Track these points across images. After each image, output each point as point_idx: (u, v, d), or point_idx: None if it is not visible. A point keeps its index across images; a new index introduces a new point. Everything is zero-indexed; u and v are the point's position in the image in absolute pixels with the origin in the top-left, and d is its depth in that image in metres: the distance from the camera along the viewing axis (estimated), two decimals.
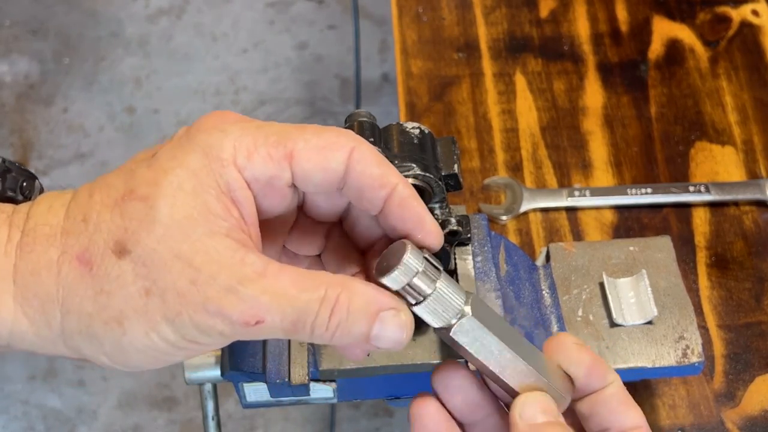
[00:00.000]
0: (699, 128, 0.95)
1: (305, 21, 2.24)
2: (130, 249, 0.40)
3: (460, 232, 0.64)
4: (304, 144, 0.42)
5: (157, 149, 0.44)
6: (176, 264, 0.40)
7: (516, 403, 0.45)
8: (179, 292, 0.40)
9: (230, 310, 0.40)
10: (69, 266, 0.41)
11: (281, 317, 0.41)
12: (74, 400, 1.78)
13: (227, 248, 0.40)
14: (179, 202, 0.40)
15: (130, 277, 0.40)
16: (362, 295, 0.42)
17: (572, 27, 1.03)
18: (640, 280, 0.69)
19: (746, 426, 0.79)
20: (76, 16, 2.28)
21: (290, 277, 0.41)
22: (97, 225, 0.41)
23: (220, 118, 0.45)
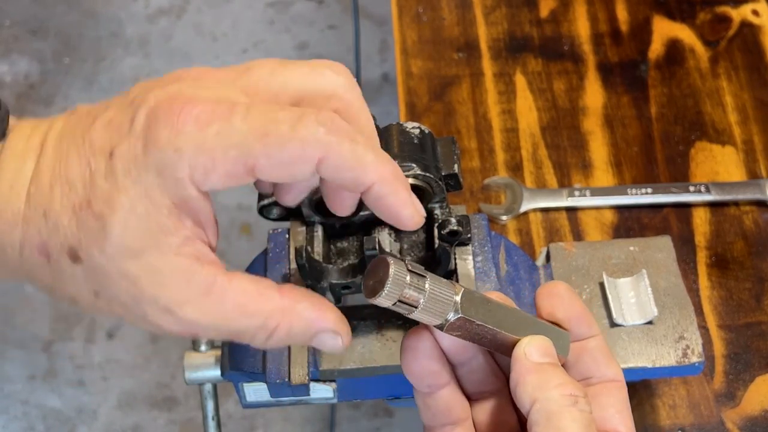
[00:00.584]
0: (699, 128, 0.95)
1: (305, 21, 2.24)
2: (82, 259, 0.43)
3: (460, 232, 0.64)
4: (266, 160, 0.41)
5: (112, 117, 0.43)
6: (122, 281, 0.42)
7: (520, 344, 0.47)
8: (123, 304, 0.43)
9: (166, 327, 0.43)
10: (29, 252, 0.44)
11: (216, 334, 0.44)
12: (74, 400, 1.78)
13: (173, 269, 0.42)
14: (131, 224, 0.41)
15: (82, 279, 0.43)
16: (303, 321, 0.45)
17: (572, 27, 1.03)
18: (640, 280, 0.69)
19: (746, 426, 0.79)
20: (76, 16, 2.28)
21: (233, 298, 0.43)
22: (56, 226, 0.43)
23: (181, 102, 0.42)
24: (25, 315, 1.86)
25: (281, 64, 0.44)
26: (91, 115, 0.44)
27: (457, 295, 0.46)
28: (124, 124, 0.43)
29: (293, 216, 0.67)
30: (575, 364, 0.49)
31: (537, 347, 0.47)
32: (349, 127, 0.43)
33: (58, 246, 0.43)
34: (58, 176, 0.43)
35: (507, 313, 0.48)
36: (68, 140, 0.44)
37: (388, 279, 0.44)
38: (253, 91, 0.43)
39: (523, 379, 0.46)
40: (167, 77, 0.45)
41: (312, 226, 0.66)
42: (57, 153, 0.44)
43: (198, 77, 0.44)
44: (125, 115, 0.43)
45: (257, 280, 0.45)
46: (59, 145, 0.44)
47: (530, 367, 0.46)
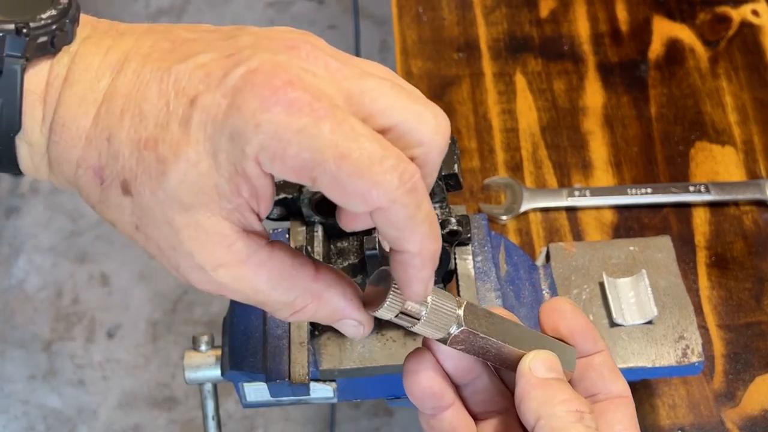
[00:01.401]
0: (699, 128, 0.96)
1: (305, 21, 2.24)
2: (133, 194, 0.42)
3: (460, 232, 0.64)
4: (330, 180, 0.39)
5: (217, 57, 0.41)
6: (165, 228, 0.42)
7: (525, 358, 0.46)
8: (159, 247, 0.43)
9: (195, 282, 0.43)
10: (84, 171, 0.43)
11: (244, 299, 0.44)
12: (74, 400, 1.78)
13: (218, 232, 0.42)
14: (190, 178, 0.41)
15: (128, 210, 0.43)
16: (330, 307, 0.45)
17: (572, 27, 1.03)
18: (640, 280, 0.69)
19: (746, 426, 0.79)
20: None
21: (269, 272, 0.43)
22: (116, 154, 0.42)
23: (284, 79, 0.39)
24: (26, 314, 1.87)
25: (395, 88, 0.42)
26: (186, 48, 0.42)
27: (460, 308, 0.45)
28: (217, 75, 0.41)
29: (293, 216, 0.67)
30: (581, 381, 0.49)
31: (542, 362, 0.46)
32: (422, 189, 0.41)
33: (113, 174, 0.42)
34: (133, 104, 0.42)
35: (511, 327, 0.47)
36: (152, 68, 0.42)
37: (390, 291, 0.44)
38: (356, 100, 0.41)
39: (528, 395, 0.45)
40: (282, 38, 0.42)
41: (312, 226, 0.66)
42: (137, 78, 0.42)
43: (310, 56, 0.42)
44: (221, 65, 0.41)
45: (295, 255, 0.44)
46: (142, 70, 0.42)
47: (535, 383, 0.45)
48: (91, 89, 0.42)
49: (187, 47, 0.42)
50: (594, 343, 0.49)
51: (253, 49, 0.41)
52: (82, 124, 0.42)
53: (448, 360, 0.47)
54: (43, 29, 0.42)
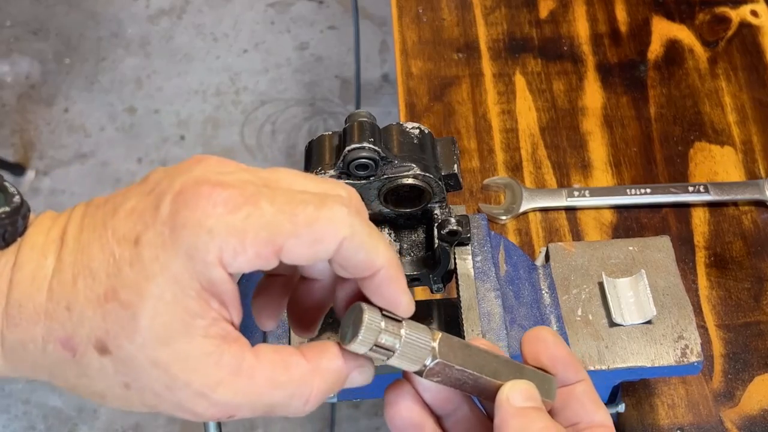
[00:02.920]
0: (698, 128, 0.96)
1: (306, 21, 2.24)
2: (111, 351, 0.42)
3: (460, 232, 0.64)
4: (295, 240, 0.42)
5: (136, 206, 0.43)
6: (153, 371, 0.42)
7: (503, 389, 0.47)
8: (156, 393, 0.43)
9: (201, 412, 0.44)
10: (53, 347, 0.43)
11: (251, 411, 0.44)
12: (75, 399, 1.78)
13: (202, 353, 0.42)
14: (159, 312, 0.41)
15: (111, 372, 0.43)
16: (333, 373, 0.46)
17: (572, 27, 1.03)
18: (640, 279, 0.69)
19: (745, 425, 0.79)
20: (76, 17, 2.28)
21: (264, 373, 0.44)
22: (80, 319, 0.42)
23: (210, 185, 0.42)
24: None
25: (301, 174, 0.46)
26: (110, 204, 0.44)
27: (435, 341, 0.46)
28: (148, 211, 0.42)
29: None
30: (563, 410, 0.49)
31: (520, 391, 0.47)
32: (363, 210, 0.46)
33: (84, 339, 0.42)
34: (81, 268, 0.43)
35: (489, 358, 0.48)
36: (89, 231, 0.44)
37: (362, 325, 0.44)
38: (275, 184, 0.44)
39: (506, 424, 0.46)
40: (186, 163, 0.45)
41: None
42: (78, 245, 0.43)
43: (219, 163, 0.44)
44: (148, 202, 0.43)
45: (280, 349, 0.45)
46: (80, 237, 0.43)
47: (513, 412, 0.46)
48: (40, 266, 0.43)
49: (111, 203, 0.44)
50: (575, 372, 0.49)
51: (168, 177, 0.43)
52: (38, 301, 0.43)
53: (427, 392, 0.48)
54: None
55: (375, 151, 0.59)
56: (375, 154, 0.59)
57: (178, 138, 2.09)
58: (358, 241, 0.43)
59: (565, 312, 0.69)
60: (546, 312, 0.69)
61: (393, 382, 0.48)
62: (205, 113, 2.12)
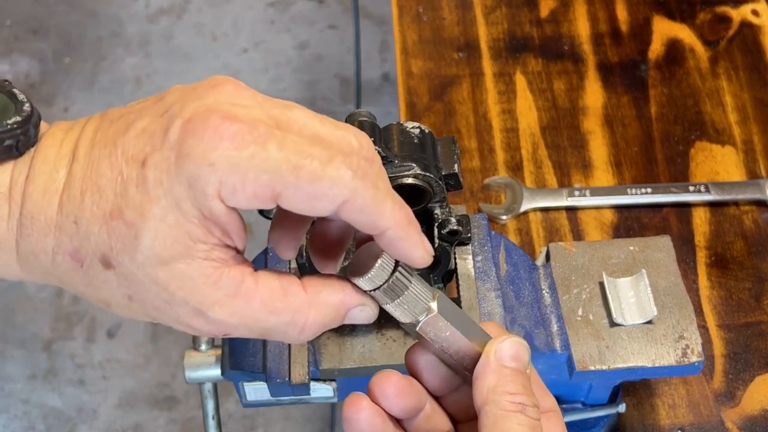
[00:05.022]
0: (699, 128, 0.96)
1: (306, 21, 2.24)
2: (114, 266, 0.44)
3: (460, 232, 0.64)
4: (294, 191, 0.42)
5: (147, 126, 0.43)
6: (153, 287, 0.44)
7: (494, 341, 0.48)
8: (156, 307, 0.45)
9: (199, 327, 0.45)
10: (62, 258, 0.45)
11: (248, 332, 0.45)
12: (74, 400, 1.78)
13: (201, 274, 0.43)
14: (161, 234, 0.42)
15: (115, 284, 0.44)
16: (330, 307, 0.46)
17: (572, 27, 1.03)
18: (640, 279, 0.69)
19: (746, 426, 0.79)
20: (76, 16, 2.28)
21: (261, 298, 0.44)
22: (87, 233, 0.44)
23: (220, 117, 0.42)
24: (26, 314, 1.87)
25: (317, 116, 0.45)
26: (123, 121, 0.45)
27: (434, 301, 0.47)
28: (158, 134, 0.43)
29: None
30: None
31: (510, 347, 0.48)
32: (373, 172, 0.44)
33: (90, 253, 0.44)
34: (90, 184, 0.44)
35: (478, 329, 0.49)
36: (100, 147, 0.44)
37: (375, 264, 0.45)
38: (286, 126, 0.44)
39: (482, 377, 0.47)
40: (204, 84, 0.45)
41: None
42: (89, 160, 0.44)
43: (235, 92, 0.44)
44: (159, 125, 0.43)
45: (282, 276, 0.46)
46: (91, 153, 0.44)
47: (493, 367, 0.47)
48: (52, 180, 0.45)
49: (124, 120, 0.45)
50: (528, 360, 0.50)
51: (182, 101, 0.44)
52: (49, 214, 0.44)
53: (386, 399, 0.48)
54: (9, 133, 0.45)
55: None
56: None
57: None
58: (359, 205, 0.43)
59: (566, 312, 0.69)
60: (546, 312, 0.69)
61: (349, 398, 0.48)
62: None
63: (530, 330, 0.68)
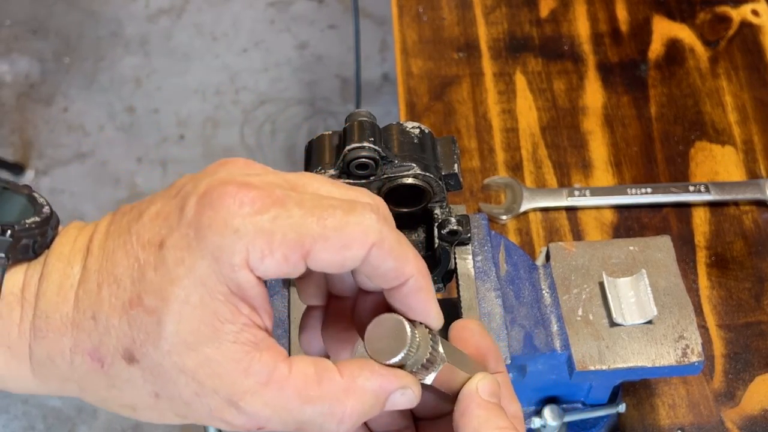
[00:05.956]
0: (699, 128, 0.96)
1: (305, 21, 2.24)
2: (138, 359, 0.41)
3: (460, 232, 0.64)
4: (323, 244, 0.40)
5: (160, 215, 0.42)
6: (181, 377, 0.41)
7: (473, 380, 0.47)
8: (185, 402, 0.42)
9: (231, 420, 0.42)
10: (81, 359, 0.42)
11: (283, 426, 0.42)
12: (74, 399, 1.78)
13: (231, 359, 0.41)
14: (185, 317, 0.40)
15: (140, 382, 0.42)
16: (370, 393, 0.44)
17: (572, 27, 1.03)
18: (640, 279, 0.69)
19: (746, 425, 0.79)
20: (76, 16, 2.28)
21: (295, 385, 0.42)
22: (107, 328, 0.41)
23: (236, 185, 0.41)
24: None
25: (329, 181, 0.45)
26: (136, 211, 0.43)
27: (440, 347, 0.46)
28: (173, 214, 0.41)
29: None
30: None
31: (488, 386, 0.47)
32: (392, 219, 0.44)
33: (111, 349, 0.42)
34: (106, 275, 0.42)
35: (456, 351, 0.48)
36: (114, 238, 0.43)
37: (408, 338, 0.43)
38: (301, 188, 0.43)
39: (471, 413, 0.46)
40: (212, 166, 0.44)
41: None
42: (103, 252, 0.42)
43: (246, 165, 0.43)
44: (173, 206, 0.42)
45: (318, 362, 0.43)
46: (105, 244, 0.43)
47: (480, 402, 0.46)
48: (66, 276, 0.43)
49: (137, 209, 0.43)
50: (497, 363, 0.50)
51: (193, 181, 0.42)
52: (64, 312, 0.42)
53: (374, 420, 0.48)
54: (27, 232, 0.43)
55: (375, 150, 0.59)
56: (375, 154, 0.59)
57: (178, 137, 2.09)
58: (387, 248, 0.42)
59: (566, 312, 0.69)
60: (546, 312, 0.69)
61: None
62: (204, 113, 2.12)
63: (530, 330, 0.68)
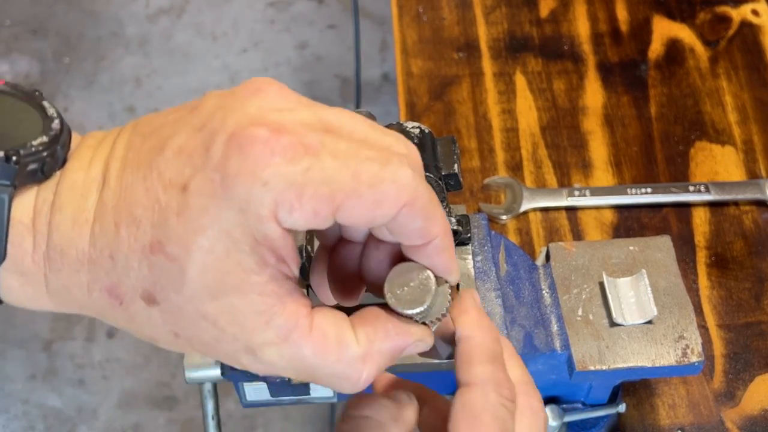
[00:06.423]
0: (699, 128, 0.96)
1: (305, 20, 2.24)
2: (159, 301, 0.40)
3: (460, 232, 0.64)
4: (356, 200, 0.38)
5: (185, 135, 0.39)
6: (202, 322, 0.40)
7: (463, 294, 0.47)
8: (204, 343, 0.41)
9: (248, 365, 0.42)
10: (99, 294, 0.41)
11: (296, 376, 0.42)
12: (74, 400, 1.78)
13: (254, 310, 0.40)
14: (209, 266, 0.39)
15: (159, 321, 0.41)
16: (385, 353, 0.43)
17: (572, 27, 1.03)
18: (640, 279, 0.69)
19: (746, 426, 0.79)
20: (76, 16, 2.28)
21: (313, 346, 0.41)
22: (126, 268, 0.40)
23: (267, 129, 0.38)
24: (26, 314, 1.86)
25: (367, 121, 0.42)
26: (157, 138, 0.40)
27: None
28: (198, 152, 0.39)
29: None
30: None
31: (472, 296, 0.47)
32: (422, 170, 0.42)
33: (130, 288, 0.40)
34: (124, 214, 0.40)
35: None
36: (133, 170, 0.40)
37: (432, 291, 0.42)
38: (336, 130, 0.40)
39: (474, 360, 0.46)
40: (244, 89, 0.40)
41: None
42: (120, 185, 0.40)
43: (279, 96, 0.40)
44: (198, 141, 0.39)
45: (337, 321, 0.42)
46: (122, 176, 0.40)
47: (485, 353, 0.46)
48: (81, 209, 0.40)
49: (158, 135, 0.40)
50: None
51: (222, 110, 0.39)
52: (80, 247, 0.40)
53: None
54: (34, 156, 0.40)
55: None
56: None
57: None
58: (419, 207, 0.40)
59: (566, 312, 0.69)
60: (546, 312, 0.69)
61: None
62: None
63: (530, 330, 0.68)
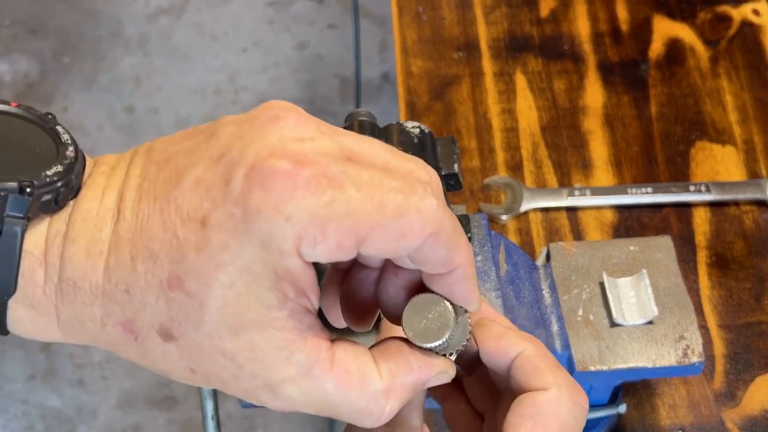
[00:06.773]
0: (699, 128, 0.95)
1: (305, 20, 2.24)
2: (176, 337, 0.39)
3: None
4: (380, 232, 0.37)
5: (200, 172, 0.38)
6: (220, 359, 0.39)
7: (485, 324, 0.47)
8: (222, 380, 0.40)
9: (267, 402, 0.41)
10: (113, 328, 0.40)
11: (316, 411, 0.42)
12: (74, 400, 1.78)
13: (274, 346, 0.39)
14: (230, 302, 0.38)
15: (176, 357, 0.40)
16: (408, 387, 0.42)
17: (572, 26, 1.03)
18: (641, 279, 0.69)
19: (746, 426, 0.79)
20: (75, 16, 2.28)
21: (335, 381, 0.40)
22: (142, 304, 0.39)
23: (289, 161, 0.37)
24: None
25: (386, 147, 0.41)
26: (173, 167, 0.39)
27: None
28: (217, 185, 0.38)
29: None
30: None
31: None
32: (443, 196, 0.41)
33: (146, 323, 0.39)
34: (141, 248, 0.39)
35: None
36: (149, 201, 0.39)
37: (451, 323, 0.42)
38: (358, 158, 0.39)
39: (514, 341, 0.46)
40: (260, 118, 0.39)
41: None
42: (136, 217, 0.39)
43: (298, 124, 0.39)
44: (217, 173, 0.38)
45: (359, 356, 0.42)
46: (138, 207, 0.39)
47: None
48: (94, 241, 0.39)
49: (174, 165, 0.39)
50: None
51: (240, 140, 0.38)
52: (94, 280, 0.39)
53: None
54: (48, 187, 0.39)
55: None
56: None
57: None
58: (443, 238, 0.39)
59: (566, 312, 0.69)
60: (547, 312, 0.69)
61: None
62: (204, 112, 2.12)
63: (530, 330, 0.68)
